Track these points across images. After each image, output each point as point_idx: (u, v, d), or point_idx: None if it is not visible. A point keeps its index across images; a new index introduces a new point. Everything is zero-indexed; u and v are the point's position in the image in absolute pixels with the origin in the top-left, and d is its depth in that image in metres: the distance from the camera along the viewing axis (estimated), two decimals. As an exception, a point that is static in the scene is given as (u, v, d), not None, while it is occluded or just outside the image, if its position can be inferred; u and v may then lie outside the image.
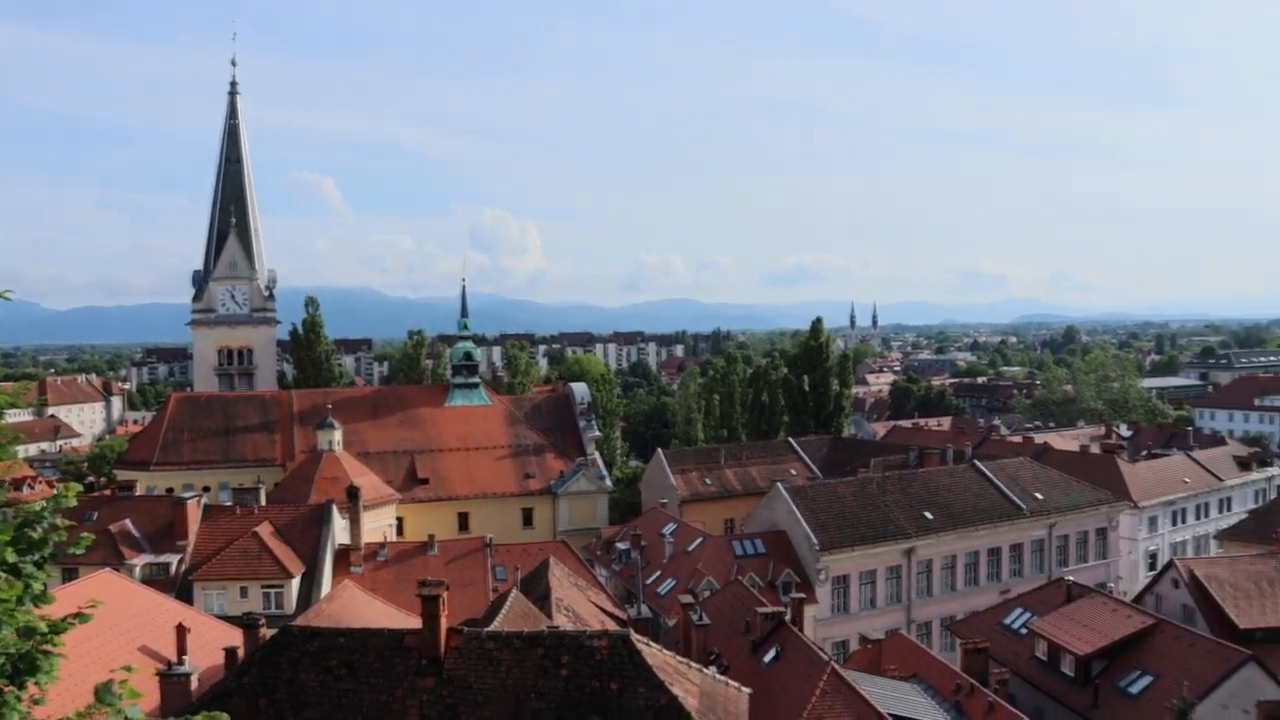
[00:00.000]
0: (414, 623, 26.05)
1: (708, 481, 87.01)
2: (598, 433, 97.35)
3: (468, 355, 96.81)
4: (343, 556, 59.57)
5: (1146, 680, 43.12)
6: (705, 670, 27.09)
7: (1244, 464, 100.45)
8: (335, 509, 61.55)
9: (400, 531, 77.19)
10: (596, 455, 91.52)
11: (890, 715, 35.72)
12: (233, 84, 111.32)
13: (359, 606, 42.99)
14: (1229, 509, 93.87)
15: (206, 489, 79.10)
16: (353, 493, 63.13)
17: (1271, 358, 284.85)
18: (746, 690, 27.45)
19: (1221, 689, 40.63)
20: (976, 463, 75.54)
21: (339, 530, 61.41)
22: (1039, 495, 71.42)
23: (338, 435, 79.11)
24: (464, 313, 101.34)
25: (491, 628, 28.48)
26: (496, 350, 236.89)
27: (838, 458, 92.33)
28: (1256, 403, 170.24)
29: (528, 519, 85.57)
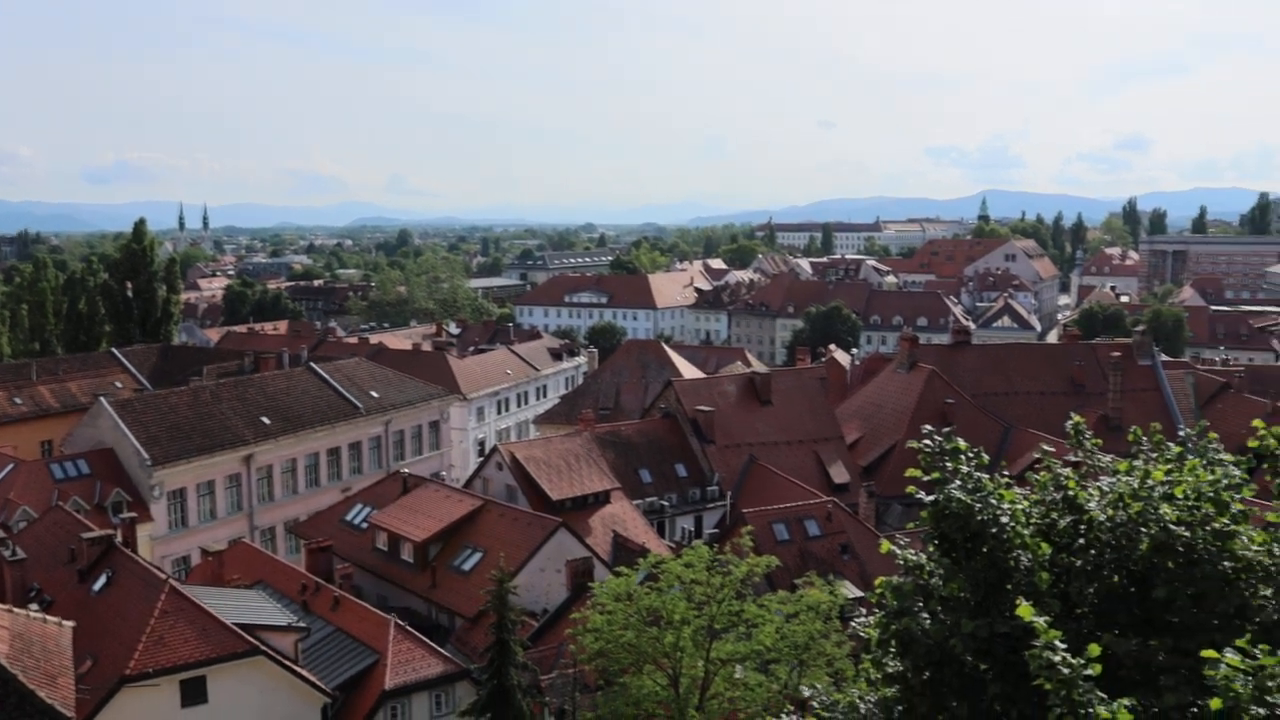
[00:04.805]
0: None
1: (18, 401, 78.22)
2: None
3: None
4: None
5: (477, 556, 46.66)
6: (18, 610, 24.69)
7: (556, 355, 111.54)
8: None
9: None
10: (-128, 380, 78.40)
11: (235, 625, 35.20)
12: None
13: None
14: (545, 395, 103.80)
15: None
16: None
17: (579, 259, 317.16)
18: (70, 624, 25.48)
19: (540, 554, 45.25)
20: (313, 365, 75.83)
21: None
22: (375, 394, 73.49)
23: None
24: None
25: None
26: None
27: (168, 367, 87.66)
28: (566, 299, 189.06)
29: None
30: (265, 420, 65.48)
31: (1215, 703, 8.37)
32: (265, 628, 36.63)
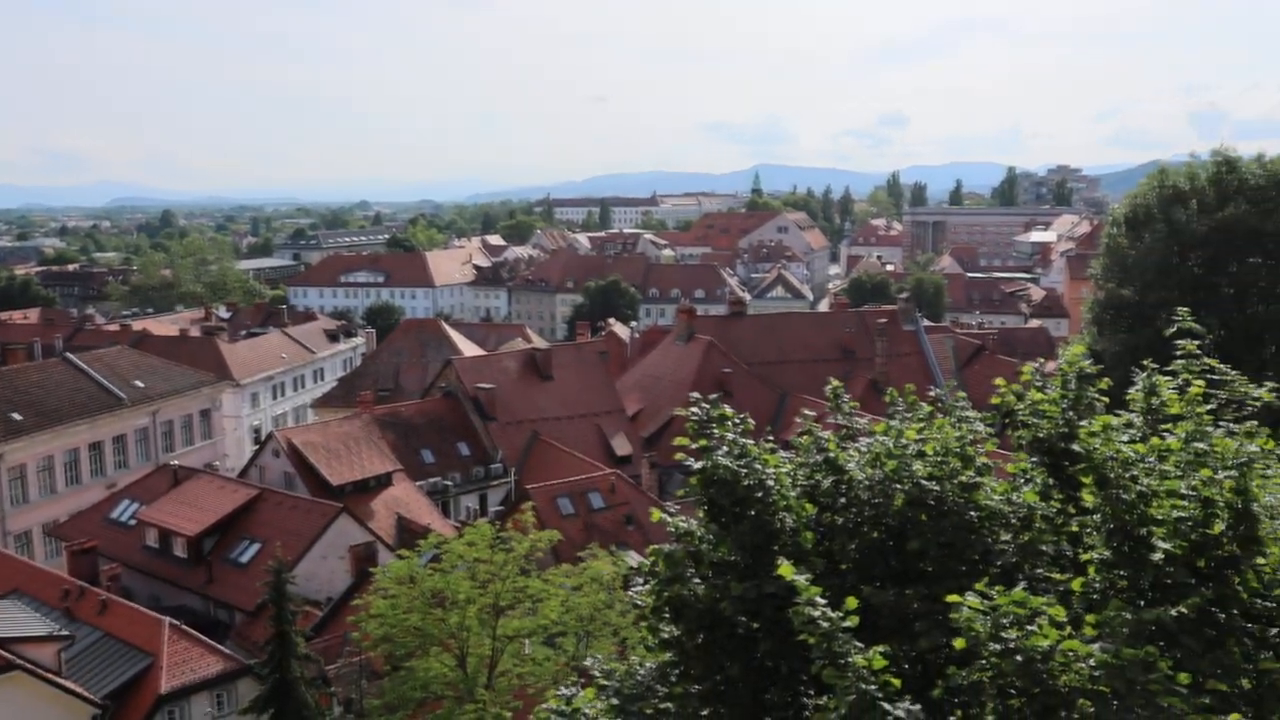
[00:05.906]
0: None
1: None
2: None
3: None
4: None
5: (255, 547, 45.23)
6: None
7: (333, 336, 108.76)
8: None
9: None
10: None
11: (-13, 637, 32.97)
12: None
13: None
14: (323, 379, 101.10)
15: None
16: None
17: (354, 238, 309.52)
18: None
19: (320, 542, 44.29)
20: (70, 355, 71.53)
21: None
22: (139, 383, 69.86)
23: None
24: None
25: None
26: None
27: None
28: (342, 279, 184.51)
29: None
30: (16, 416, 61.21)
31: (959, 642, 8.93)
32: (21, 640, 34.43)
